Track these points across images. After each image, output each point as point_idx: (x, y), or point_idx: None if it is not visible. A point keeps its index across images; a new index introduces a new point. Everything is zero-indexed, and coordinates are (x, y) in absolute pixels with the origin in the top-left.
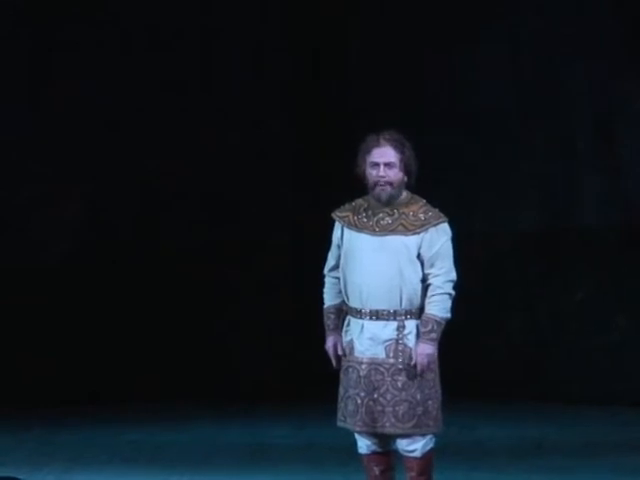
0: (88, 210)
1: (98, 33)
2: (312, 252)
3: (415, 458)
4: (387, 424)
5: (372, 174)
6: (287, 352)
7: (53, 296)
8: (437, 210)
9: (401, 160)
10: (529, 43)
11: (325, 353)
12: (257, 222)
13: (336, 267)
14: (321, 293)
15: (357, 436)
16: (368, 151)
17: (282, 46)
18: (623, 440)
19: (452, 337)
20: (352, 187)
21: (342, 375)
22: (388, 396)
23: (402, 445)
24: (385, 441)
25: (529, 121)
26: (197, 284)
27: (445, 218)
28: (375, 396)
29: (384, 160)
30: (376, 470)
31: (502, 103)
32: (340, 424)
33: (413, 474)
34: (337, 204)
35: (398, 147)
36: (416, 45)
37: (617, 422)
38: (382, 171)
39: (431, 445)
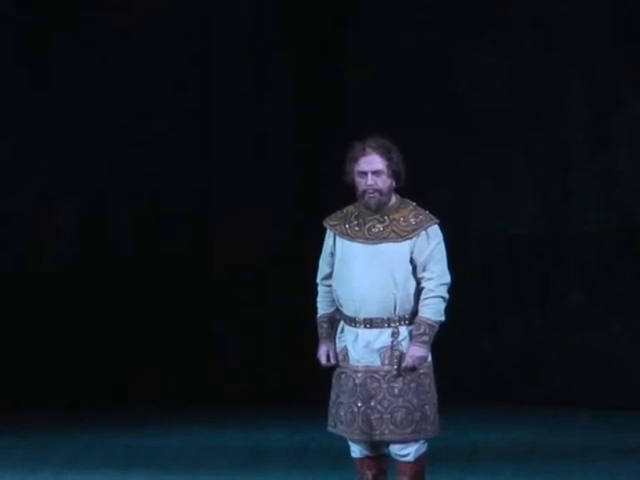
0: (86, 212)
1: (98, 35)
2: (311, 253)
3: (408, 462)
4: (386, 431)
5: (361, 183)
6: (283, 355)
7: (50, 299)
8: (427, 212)
9: (388, 166)
10: (527, 45)
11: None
12: (257, 222)
13: (329, 275)
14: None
15: (350, 440)
16: (355, 160)
17: (282, 46)
18: (618, 444)
19: (448, 340)
20: (351, 188)
21: (334, 381)
22: (385, 403)
23: (395, 449)
24: (378, 445)
25: (526, 124)
26: (195, 286)
27: (436, 220)
28: (372, 404)
29: (371, 169)
30: (369, 474)
31: (500, 105)
32: (330, 429)
33: (405, 478)
34: (337, 204)
35: (384, 154)
36: (416, 45)
37: (612, 426)
38: (370, 179)
39: (424, 449)
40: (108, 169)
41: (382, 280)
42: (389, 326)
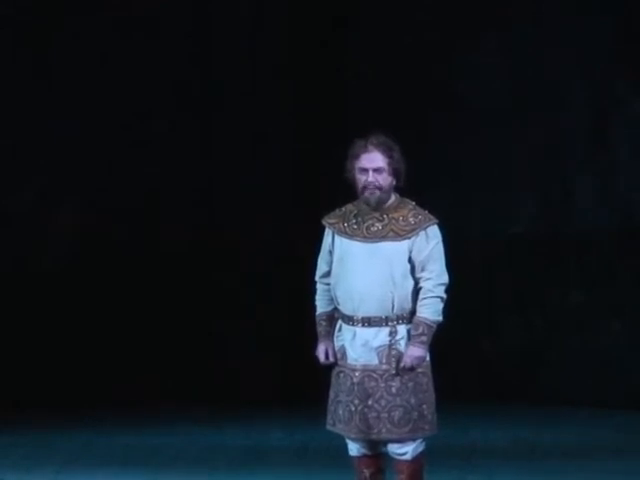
0: (86, 212)
1: (98, 35)
2: (311, 253)
3: (406, 461)
4: (383, 430)
5: (361, 179)
6: (282, 355)
7: (50, 299)
8: (426, 212)
9: (389, 164)
10: (527, 45)
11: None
12: (257, 222)
13: (328, 273)
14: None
15: (348, 439)
16: (356, 157)
17: (282, 46)
18: (617, 443)
19: (447, 339)
20: (351, 187)
21: (333, 380)
22: (383, 402)
23: (393, 448)
24: (376, 444)
25: (526, 123)
26: (195, 286)
27: (435, 220)
28: (369, 403)
29: (373, 166)
30: (366, 472)
31: (500, 105)
32: (329, 428)
33: (403, 477)
34: (337, 204)
35: (386, 152)
36: (416, 45)
37: (611, 425)
38: (371, 177)
39: (422, 448)
40: (108, 169)
41: (380, 279)
42: (387, 325)
